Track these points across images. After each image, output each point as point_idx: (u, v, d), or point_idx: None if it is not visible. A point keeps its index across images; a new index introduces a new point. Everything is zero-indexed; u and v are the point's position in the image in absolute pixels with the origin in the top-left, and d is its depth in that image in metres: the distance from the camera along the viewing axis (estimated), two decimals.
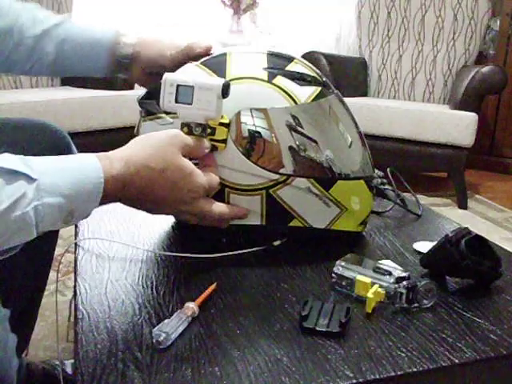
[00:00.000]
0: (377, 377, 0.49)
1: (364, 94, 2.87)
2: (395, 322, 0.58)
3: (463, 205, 2.40)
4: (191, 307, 0.57)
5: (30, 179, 0.48)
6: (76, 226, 0.83)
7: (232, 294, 0.63)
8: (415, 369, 0.50)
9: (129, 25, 3.01)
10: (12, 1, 0.82)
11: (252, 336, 0.54)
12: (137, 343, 0.52)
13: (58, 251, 0.95)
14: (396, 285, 0.60)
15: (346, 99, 0.81)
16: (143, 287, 0.64)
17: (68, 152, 0.82)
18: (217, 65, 0.73)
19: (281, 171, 0.70)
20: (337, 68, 2.68)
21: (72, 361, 0.96)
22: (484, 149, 3.18)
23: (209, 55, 0.76)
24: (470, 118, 2.29)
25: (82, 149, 0.72)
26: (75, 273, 0.68)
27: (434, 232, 0.88)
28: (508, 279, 0.70)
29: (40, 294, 0.94)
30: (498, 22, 3.07)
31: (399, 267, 0.67)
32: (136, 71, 0.83)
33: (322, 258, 0.74)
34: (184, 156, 0.63)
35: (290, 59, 0.76)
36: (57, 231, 0.90)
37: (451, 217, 1.02)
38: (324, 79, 0.77)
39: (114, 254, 0.73)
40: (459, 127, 2.29)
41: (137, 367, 0.48)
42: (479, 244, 0.67)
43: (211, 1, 3.17)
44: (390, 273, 0.62)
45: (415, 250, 0.79)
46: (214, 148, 0.69)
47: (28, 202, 0.47)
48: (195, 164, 0.64)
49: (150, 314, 0.58)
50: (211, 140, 0.68)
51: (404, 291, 0.60)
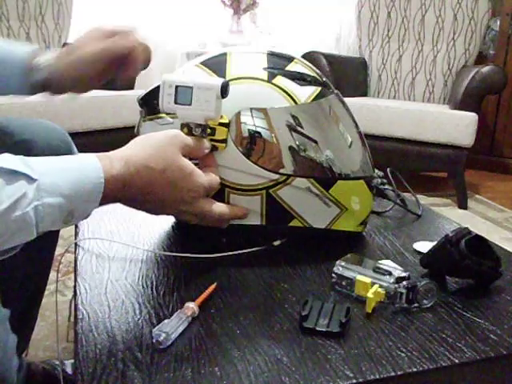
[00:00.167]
0: (377, 377, 0.49)
1: (364, 94, 2.87)
2: (395, 322, 0.58)
3: (463, 205, 2.40)
4: (191, 307, 0.57)
5: (31, 179, 0.48)
6: (76, 226, 0.83)
7: (232, 294, 0.63)
8: (415, 369, 0.50)
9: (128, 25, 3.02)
10: None
11: (252, 336, 0.54)
12: (137, 343, 0.52)
13: (58, 251, 0.95)
14: (396, 285, 0.60)
15: (346, 99, 0.81)
16: (143, 287, 0.64)
17: (68, 152, 0.82)
18: (217, 65, 0.73)
19: (281, 171, 0.70)
20: (337, 68, 2.68)
21: (72, 361, 0.96)
22: (484, 149, 3.18)
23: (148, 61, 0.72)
24: (470, 118, 2.29)
25: (82, 149, 0.72)
26: (75, 273, 0.68)
27: (434, 232, 0.88)
28: (508, 279, 0.70)
29: (40, 294, 0.94)
30: (498, 22, 3.07)
31: (399, 267, 0.67)
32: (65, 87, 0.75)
33: (322, 258, 0.74)
34: (184, 156, 0.63)
35: (290, 59, 0.76)
36: (57, 231, 0.90)
37: (451, 217, 1.02)
38: (324, 79, 0.77)
39: (114, 254, 0.73)
40: (459, 127, 2.29)
41: (137, 367, 0.48)
42: (479, 244, 0.67)
43: (211, 1, 3.17)
44: (390, 273, 0.62)
45: (415, 250, 0.79)
46: (214, 148, 0.69)
47: (28, 202, 0.47)
48: (195, 164, 0.64)
49: (150, 314, 0.58)
50: (211, 140, 0.68)
51: (404, 291, 0.60)
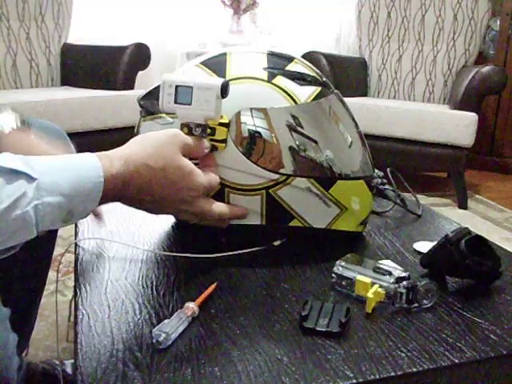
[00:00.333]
0: (377, 377, 0.49)
1: (364, 94, 2.87)
2: (395, 322, 0.58)
3: (463, 205, 2.40)
4: (191, 307, 0.57)
5: (30, 178, 0.48)
6: (76, 226, 0.83)
7: (232, 294, 0.63)
8: (415, 369, 0.50)
9: (128, 25, 3.02)
10: None
11: (252, 336, 0.54)
12: (137, 343, 0.52)
13: (58, 251, 0.95)
14: (396, 285, 0.60)
15: (346, 99, 0.81)
16: (143, 287, 0.64)
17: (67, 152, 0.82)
18: (217, 65, 0.73)
19: (281, 171, 0.70)
20: (337, 68, 2.68)
21: (72, 361, 0.96)
22: (484, 149, 3.18)
23: None
24: (470, 118, 2.29)
25: (82, 149, 0.72)
26: (75, 273, 0.68)
27: (434, 232, 0.88)
28: (508, 279, 0.70)
29: (40, 294, 0.94)
30: (498, 22, 3.07)
31: (399, 267, 0.67)
32: None
33: (322, 258, 0.74)
34: (184, 156, 0.63)
35: (290, 59, 0.76)
36: (56, 231, 0.90)
37: (451, 217, 1.02)
38: (324, 79, 0.77)
39: (114, 254, 0.73)
40: (459, 127, 2.29)
41: (137, 367, 0.48)
42: (479, 244, 0.67)
43: (211, 1, 3.17)
44: (390, 273, 0.62)
45: (415, 250, 0.79)
46: (214, 148, 0.69)
47: (28, 202, 0.47)
48: (195, 164, 0.64)
49: (150, 314, 0.58)
50: (211, 140, 0.68)
51: (404, 291, 0.60)
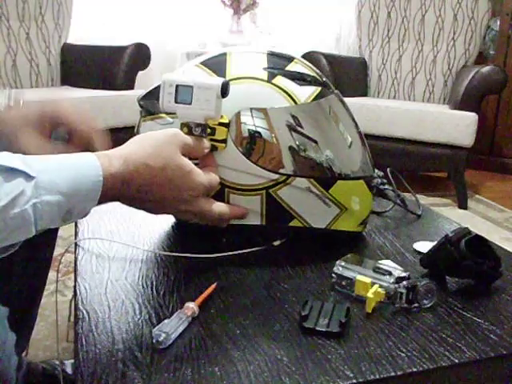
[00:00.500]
0: (377, 377, 0.49)
1: (364, 94, 2.87)
2: (395, 322, 0.58)
3: (463, 205, 2.39)
4: (191, 307, 0.57)
5: (29, 177, 0.48)
6: (76, 226, 0.83)
7: (232, 294, 0.63)
8: (415, 369, 0.50)
9: (128, 25, 3.02)
10: None
11: (252, 336, 0.54)
12: (137, 343, 0.52)
13: (58, 251, 0.95)
14: (396, 285, 0.60)
15: (346, 99, 0.81)
16: (143, 287, 0.64)
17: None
18: (217, 65, 0.73)
19: (281, 171, 0.70)
20: (337, 68, 2.68)
21: (72, 361, 0.96)
22: (484, 149, 3.18)
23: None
24: (470, 118, 2.29)
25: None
26: (75, 273, 0.68)
27: (434, 232, 0.88)
28: (508, 279, 0.70)
29: (39, 294, 0.94)
30: (498, 22, 3.07)
31: (399, 267, 0.67)
32: None
33: (322, 258, 0.74)
34: (183, 155, 0.63)
35: (290, 59, 0.76)
36: (56, 231, 0.90)
37: (451, 217, 1.02)
38: (324, 79, 0.77)
39: (114, 254, 0.73)
40: (459, 127, 2.29)
41: (137, 367, 0.48)
42: (479, 244, 0.67)
43: (211, 1, 3.17)
44: (390, 273, 0.62)
45: (415, 250, 0.79)
46: (214, 148, 0.69)
47: (26, 200, 0.47)
48: (195, 164, 0.64)
49: (150, 314, 0.58)
50: (211, 140, 0.68)
51: (404, 291, 0.60)
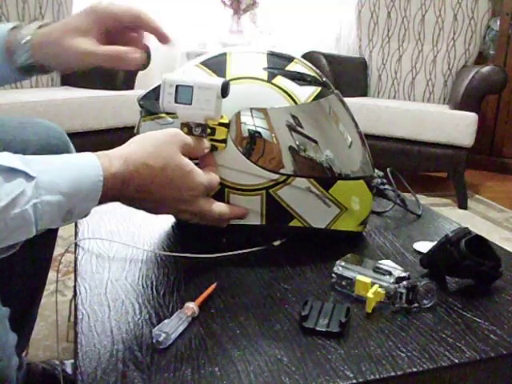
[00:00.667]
0: (377, 377, 0.49)
1: (364, 94, 2.87)
2: (395, 322, 0.58)
3: (463, 205, 2.39)
4: (191, 307, 0.57)
5: (29, 177, 0.48)
6: (76, 226, 0.83)
7: (232, 294, 0.63)
8: (415, 369, 0.50)
9: None
10: None
11: (252, 336, 0.54)
12: (137, 343, 0.52)
13: (58, 251, 0.95)
14: (396, 285, 0.60)
15: (346, 99, 0.81)
16: (143, 287, 0.64)
17: (66, 152, 0.82)
18: (217, 65, 0.73)
19: (281, 171, 0.70)
20: (337, 68, 2.68)
21: (72, 361, 0.96)
22: (484, 149, 3.18)
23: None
24: (470, 118, 2.29)
25: (82, 149, 0.72)
26: (75, 273, 0.68)
27: (434, 232, 0.88)
28: (508, 279, 0.70)
29: (39, 294, 0.94)
30: (498, 22, 3.07)
31: (399, 267, 0.67)
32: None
33: (322, 258, 0.74)
34: (184, 155, 0.63)
35: (290, 59, 0.76)
36: (56, 231, 0.90)
37: (451, 217, 1.02)
38: (324, 79, 0.77)
39: (114, 254, 0.73)
40: (459, 127, 2.29)
41: (137, 367, 0.48)
42: (479, 244, 0.67)
43: (211, 1, 3.17)
44: (390, 273, 0.62)
45: (415, 250, 0.79)
46: (214, 148, 0.69)
47: (27, 200, 0.47)
48: (195, 164, 0.64)
49: (150, 314, 0.58)
50: (211, 140, 0.68)
51: (404, 291, 0.60)
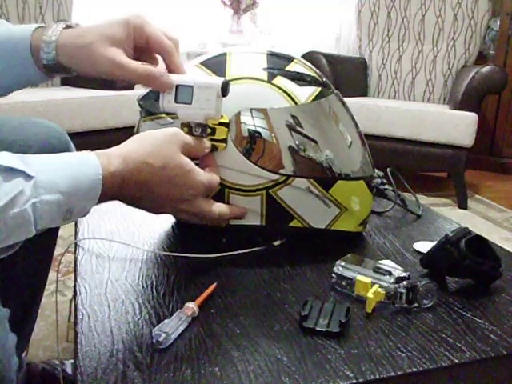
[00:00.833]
0: (377, 377, 0.49)
1: (364, 94, 2.87)
2: (395, 322, 0.58)
3: (463, 205, 2.39)
4: (191, 307, 0.57)
5: (28, 176, 0.48)
6: (76, 226, 0.83)
7: (232, 294, 0.63)
8: (415, 369, 0.50)
9: None
10: None
11: (252, 336, 0.54)
12: (137, 343, 0.52)
13: (58, 251, 0.95)
14: (396, 285, 0.60)
15: (346, 99, 0.81)
16: (143, 287, 0.64)
17: (66, 151, 0.82)
18: (216, 65, 0.73)
19: (281, 171, 0.70)
20: (337, 68, 2.68)
21: (72, 361, 0.96)
22: (484, 149, 3.18)
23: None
24: (470, 118, 2.29)
25: (82, 149, 0.72)
26: (75, 273, 0.68)
27: (434, 232, 0.88)
28: (508, 279, 0.70)
29: (40, 294, 0.94)
30: (498, 22, 3.07)
31: (399, 267, 0.67)
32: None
33: (322, 258, 0.74)
34: (184, 155, 0.63)
35: (290, 59, 0.76)
36: (57, 231, 0.90)
37: (451, 217, 1.02)
38: (324, 79, 0.77)
39: (114, 254, 0.73)
40: (459, 127, 2.29)
41: (137, 367, 0.48)
42: (479, 244, 0.67)
43: (211, 1, 3.17)
44: (390, 273, 0.62)
45: (415, 250, 0.79)
46: (214, 148, 0.69)
47: (26, 200, 0.47)
48: (196, 164, 0.64)
49: (150, 314, 0.58)
50: (211, 140, 0.68)
51: (404, 291, 0.60)
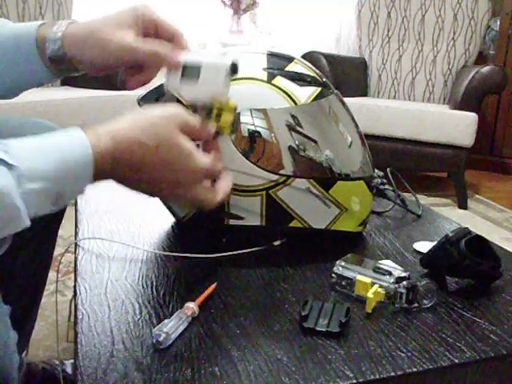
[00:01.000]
0: (377, 377, 0.49)
1: (364, 94, 2.87)
2: (395, 322, 0.58)
3: (463, 205, 2.39)
4: (191, 307, 0.57)
5: (9, 165, 0.45)
6: (76, 226, 0.83)
7: (232, 294, 0.63)
8: (415, 369, 0.50)
9: None
10: None
11: (252, 336, 0.54)
12: (137, 343, 0.52)
13: (58, 251, 0.95)
14: (396, 285, 0.60)
15: (346, 99, 0.81)
16: (143, 287, 0.64)
17: None
18: None
19: (281, 172, 0.70)
20: (337, 68, 2.68)
21: (72, 361, 0.96)
22: (484, 149, 3.18)
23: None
24: (470, 118, 2.29)
25: None
26: (75, 273, 0.68)
27: (434, 232, 0.88)
28: (508, 279, 0.70)
29: (40, 294, 0.94)
30: (498, 22, 3.07)
31: (399, 267, 0.67)
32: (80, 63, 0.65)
33: (322, 258, 0.74)
34: (187, 136, 0.56)
35: (290, 59, 0.76)
36: (56, 231, 0.90)
37: (451, 217, 1.02)
38: (324, 79, 0.77)
39: (114, 254, 0.73)
40: (459, 127, 2.29)
41: (137, 367, 0.48)
42: (479, 244, 0.67)
43: (211, 1, 3.17)
44: (390, 273, 0.62)
45: (415, 250, 0.79)
46: (219, 133, 0.63)
47: (9, 190, 0.45)
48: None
49: (150, 314, 0.58)
50: (217, 124, 0.62)
51: (404, 291, 0.60)
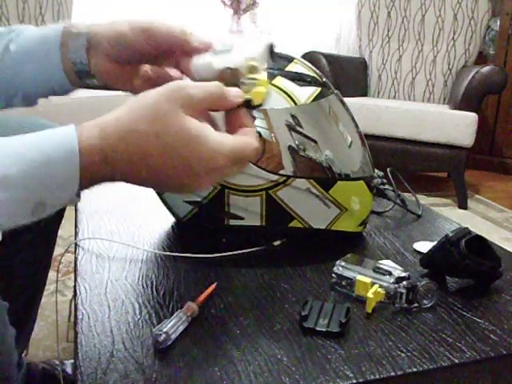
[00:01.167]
0: (377, 377, 0.49)
1: (364, 94, 2.87)
2: (395, 322, 0.58)
3: (463, 205, 2.40)
4: (191, 307, 0.57)
5: None
6: (76, 226, 0.83)
7: (232, 294, 0.63)
8: (415, 369, 0.50)
9: None
10: None
11: (252, 336, 0.54)
12: (137, 343, 0.52)
13: (58, 251, 0.95)
14: (396, 285, 0.60)
15: (346, 99, 0.81)
16: (143, 287, 0.64)
17: None
18: None
19: (281, 172, 0.70)
20: (337, 68, 2.68)
21: (72, 361, 0.96)
22: (484, 149, 3.18)
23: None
24: (470, 118, 2.29)
25: None
26: (75, 273, 0.68)
27: (434, 232, 0.88)
28: (508, 279, 0.70)
29: (40, 294, 0.94)
30: (498, 22, 3.07)
31: (399, 267, 0.67)
32: (101, 64, 0.62)
33: (322, 258, 0.74)
34: (193, 114, 0.46)
35: (290, 59, 0.76)
36: (56, 231, 0.90)
37: (451, 217, 1.02)
38: (324, 79, 0.77)
39: (114, 254, 0.73)
40: (459, 127, 2.29)
41: (137, 367, 0.48)
42: (479, 244, 0.67)
43: (211, 1, 3.17)
44: (390, 273, 0.62)
45: (415, 250, 0.79)
46: (250, 104, 0.51)
47: None
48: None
49: (150, 314, 0.58)
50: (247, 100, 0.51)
51: (404, 291, 0.60)
